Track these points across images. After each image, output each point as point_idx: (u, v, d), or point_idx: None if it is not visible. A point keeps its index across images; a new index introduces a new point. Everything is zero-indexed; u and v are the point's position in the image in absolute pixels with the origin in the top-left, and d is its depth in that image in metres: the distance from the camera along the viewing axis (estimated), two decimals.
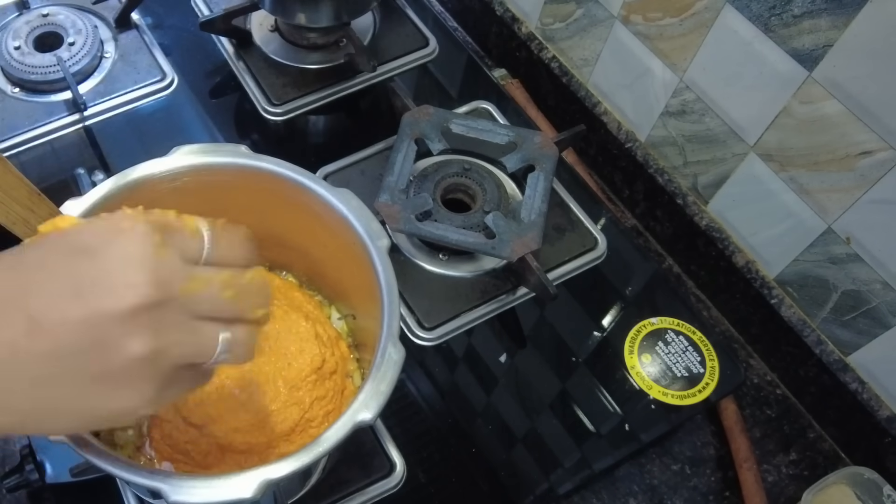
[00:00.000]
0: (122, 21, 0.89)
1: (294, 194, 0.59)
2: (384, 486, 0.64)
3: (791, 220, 0.73)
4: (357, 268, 0.58)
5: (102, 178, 0.75)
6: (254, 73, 0.85)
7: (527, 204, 0.73)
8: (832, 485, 0.69)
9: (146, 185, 0.58)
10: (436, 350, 0.72)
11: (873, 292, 0.68)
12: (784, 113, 0.69)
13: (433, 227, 0.71)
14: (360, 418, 0.49)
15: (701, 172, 0.80)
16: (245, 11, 0.85)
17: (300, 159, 0.60)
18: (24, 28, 0.85)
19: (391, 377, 0.51)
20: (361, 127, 0.87)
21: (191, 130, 0.85)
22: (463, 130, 0.77)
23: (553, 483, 0.68)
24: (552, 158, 0.76)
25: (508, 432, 0.70)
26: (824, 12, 0.61)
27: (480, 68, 0.92)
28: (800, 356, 0.76)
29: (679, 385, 0.71)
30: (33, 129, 0.81)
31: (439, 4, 1.02)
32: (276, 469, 0.47)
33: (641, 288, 0.78)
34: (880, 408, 0.71)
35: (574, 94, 0.90)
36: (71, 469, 0.61)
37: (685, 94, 0.78)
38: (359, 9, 0.84)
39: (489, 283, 0.73)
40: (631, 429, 0.70)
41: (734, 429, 0.73)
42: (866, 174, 0.64)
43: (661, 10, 0.76)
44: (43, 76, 0.83)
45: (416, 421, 0.69)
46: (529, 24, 0.94)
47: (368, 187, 0.76)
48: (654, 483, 0.72)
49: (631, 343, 0.73)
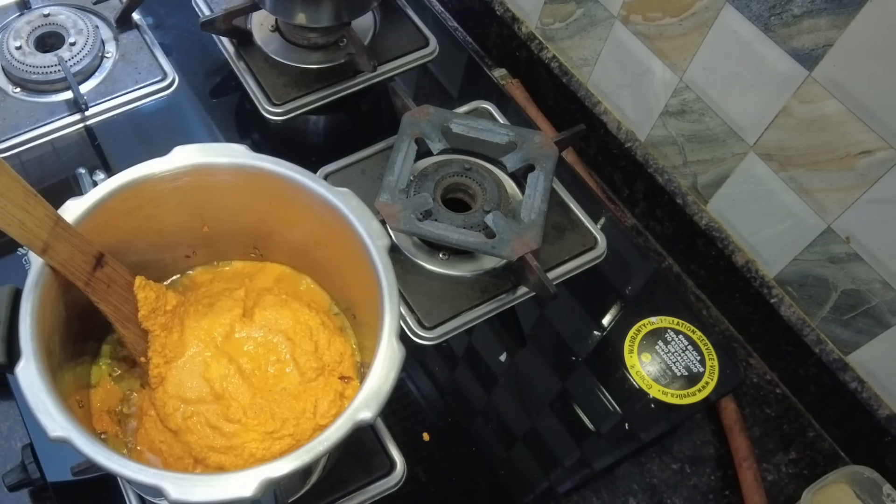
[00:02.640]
0: (122, 21, 0.89)
1: (294, 194, 0.59)
2: (384, 484, 0.64)
3: (791, 220, 0.73)
4: (357, 267, 0.58)
5: (103, 177, 0.76)
6: (254, 72, 0.85)
7: (527, 203, 0.73)
8: (832, 484, 0.69)
9: (147, 185, 0.58)
10: (436, 349, 0.72)
11: (873, 291, 0.68)
12: (784, 112, 0.69)
13: (433, 227, 0.71)
14: (360, 417, 0.49)
15: (701, 172, 0.80)
16: (245, 11, 0.85)
17: (300, 159, 0.60)
18: (26, 28, 0.85)
19: (391, 377, 0.51)
20: (362, 127, 0.87)
21: (191, 130, 0.85)
22: (463, 130, 0.77)
23: (553, 482, 0.68)
24: (552, 158, 0.76)
25: (508, 431, 0.70)
26: (824, 12, 0.61)
27: (480, 68, 0.92)
28: (799, 355, 0.76)
29: (679, 384, 0.71)
30: (34, 128, 0.81)
31: (439, 4, 1.03)
32: (277, 468, 0.47)
33: (641, 287, 0.78)
34: (880, 407, 0.71)
35: (574, 94, 0.90)
36: (72, 468, 0.61)
37: (685, 94, 0.78)
38: (359, 9, 0.84)
39: (489, 283, 0.74)
40: (631, 428, 0.70)
41: (734, 428, 0.73)
42: (866, 174, 0.64)
43: (660, 10, 0.76)
44: (44, 76, 0.83)
45: (416, 420, 0.69)
46: (529, 23, 0.94)
47: (369, 187, 0.77)
48: (654, 482, 0.72)
49: (631, 342, 0.73)
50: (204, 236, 0.65)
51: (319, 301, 0.66)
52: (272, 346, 0.61)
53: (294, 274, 0.67)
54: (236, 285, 0.64)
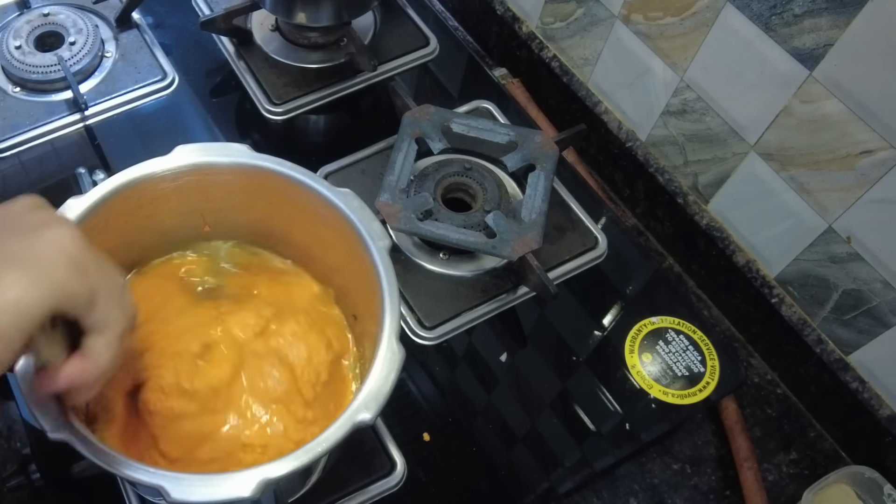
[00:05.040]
0: (122, 20, 0.89)
1: (295, 194, 0.59)
2: (384, 485, 0.64)
3: (792, 220, 0.73)
4: (358, 268, 0.58)
5: (103, 177, 0.75)
6: (254, 72, 0.85)
7: (527, 203, 0.73)
8: (832, 484, 0.69)
9: (148, 184, 0.58)
10: (436, 349, 0.72)
11: (874, 291, 0.68)
12: (785, 112, 0.69)
13: (434, 227, 0.71)
14: (360, 418, 0.49)
15: (701, 172, 0.80)
16: (246, 11, 0.85)
17: (301, 159, 0.60)
18: (25, 27, 0.85)
19: (392, 377, 0.51)
20: (362, 126, 0.87)
21: (191, 130, 0.85)
22: (463, 130, 0.77)
23: (553, 482, 0.68)
24: (553, 158, 0.76)
25: (509, 431, 0.70)
26: (825, 11, 0.61)
27: (481, 68, 0.92)
28: (800, 355, 0.76)
29: (679, 384, 0.71)
30: (34, 128, 0.81)
31: (440, 4, 1.02)
32: (276, 468, 0.47)
33: (642, 287, 0.78)
34: (881, 407, 0.71)
35: (575, 94, 0.90)
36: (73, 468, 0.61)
37: (686, 94, 0.78)
38: (359, 8, 0.84)
39: (490, 283, 0.74)
40: (631, 428, 0.70)
41: (735, 428, 0.73)
42: (867, 173, 0.64)
43: (661, 10, 0.76)
44: (44, 76, 0.83)
45: (416, 420, 0.69)
46: (530, 23, 0.94)
47: (369, 187, 0.76)
48: (655, 482, 0.72)
49: (631, 342, 0.73)
50: (205, 236, 0.65)
51: (342, 341, 0.63)
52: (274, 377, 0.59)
53: (326, 296, 0.65)
54: (268, 296, 0.62)
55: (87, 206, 0.55)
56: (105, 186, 0.56)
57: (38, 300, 0.39)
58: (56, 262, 0.40)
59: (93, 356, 0.44)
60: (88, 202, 0.55)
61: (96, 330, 0.43)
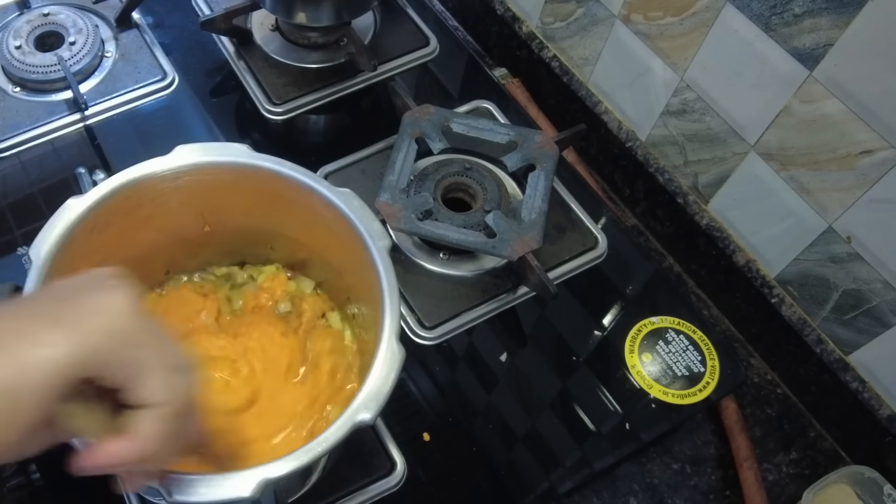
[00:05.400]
0: (122, 20, 0.89)
1: (295, 194, 0.59)
2: (384, 485, 0.64)
3: (791, 220, 0.73)
4: (358, 268, 0.58)
5: (103, 177, 0.75)
6: (254, 72, 0.85)
7: (527, 203, 0.73)
8: (833, 484, 0.69)
9: (148, 184, 0.58)
10: (436, 349, 0.72)
11: (874, 291, 0.68)
12: (785, 112, 0.69)
13: (434, 227, 0.71)
14: (360, 418, 0.49)
15: (701, 171, 0.80)
16: (245, 11, 0.85)
17: (301, 158, 0.60)
18: (25, 27, 0.85)
19: (392, 377, 0.51)
20: (362, 126, 0.87)
21: (191, 130, 0.85)
22: (463, 130, 0.77)
23: (553, 482, 0.68)
24: (553, 158, 0.76)
25: (509, 431, 0.70)
26: (825, 11, 0.61)
27: (481, 67, 0.92)
28: (800, 355, 0.76)
29: (679, 384, 0.71)
30: (34, 128, 0.81)
31: (440, 4, 1.02)
32: (276, 468, 0.47)
33: (642, 287, 0.78)
34: (881, 407, 0.71)
35: (575, 94, 0.90)
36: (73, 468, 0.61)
37: (686, 94, 0.77)
38: (359, 8, 0.84)
39: (490, 283, 0.73)
40: (631, 428, 0.70)
41: (734, 428, 0.73)
42: (867, 173, 0.64)
43: (661, 10, 0.76)
44: (44, 75, 0.83)
45: (416, 420, 0.69)
46: (530, 23, 0.94)
47: (369, 186, 0.76)
48: (655, 482, 0.72)
49: (631, 342, 0.73)
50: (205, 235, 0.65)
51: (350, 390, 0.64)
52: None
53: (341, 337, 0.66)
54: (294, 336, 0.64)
55: (87, 206, 0.55)
56: (105, 186, 0.56)
57: (66, 362, 0.37)
58: (95, 327, 0.39)
59: (138, 435, 0.41)
60: (88, 202, 0.55)
61: (143, 407, 0.41)
